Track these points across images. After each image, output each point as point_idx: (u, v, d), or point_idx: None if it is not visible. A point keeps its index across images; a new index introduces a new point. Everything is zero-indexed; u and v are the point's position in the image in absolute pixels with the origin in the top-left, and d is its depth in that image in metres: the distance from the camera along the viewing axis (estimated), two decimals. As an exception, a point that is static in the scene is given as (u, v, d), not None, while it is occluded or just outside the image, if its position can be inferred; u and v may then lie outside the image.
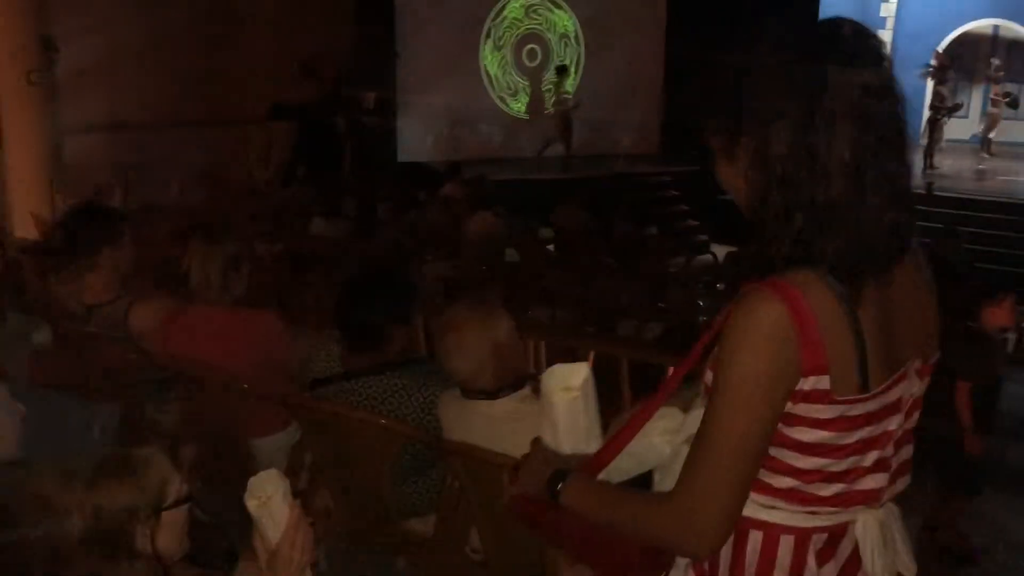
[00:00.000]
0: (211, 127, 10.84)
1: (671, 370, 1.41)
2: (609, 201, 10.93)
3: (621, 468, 1.41)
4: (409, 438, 2.49)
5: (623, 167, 12.95)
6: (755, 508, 1.28)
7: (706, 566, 1.35)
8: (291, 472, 2.81)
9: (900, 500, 1.42)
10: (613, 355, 3.52)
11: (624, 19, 14.04)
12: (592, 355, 3.47)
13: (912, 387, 1.31)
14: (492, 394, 2.30)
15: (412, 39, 12.47)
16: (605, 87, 14.00)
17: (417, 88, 12.69)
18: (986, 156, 14.17)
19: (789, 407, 1.22)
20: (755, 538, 1.30)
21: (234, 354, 2.93)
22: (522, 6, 13.80)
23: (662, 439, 1.40)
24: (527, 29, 13.91)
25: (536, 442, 1.47)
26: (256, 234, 7.37)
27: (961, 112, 15.54)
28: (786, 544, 1.29)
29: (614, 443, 1.39)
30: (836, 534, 1.30)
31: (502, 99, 13.87)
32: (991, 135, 14.52)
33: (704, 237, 11.77)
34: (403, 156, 12.59)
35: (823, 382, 1.20)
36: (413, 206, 9.03)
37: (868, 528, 1.30)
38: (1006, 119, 15.07)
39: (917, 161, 12.94)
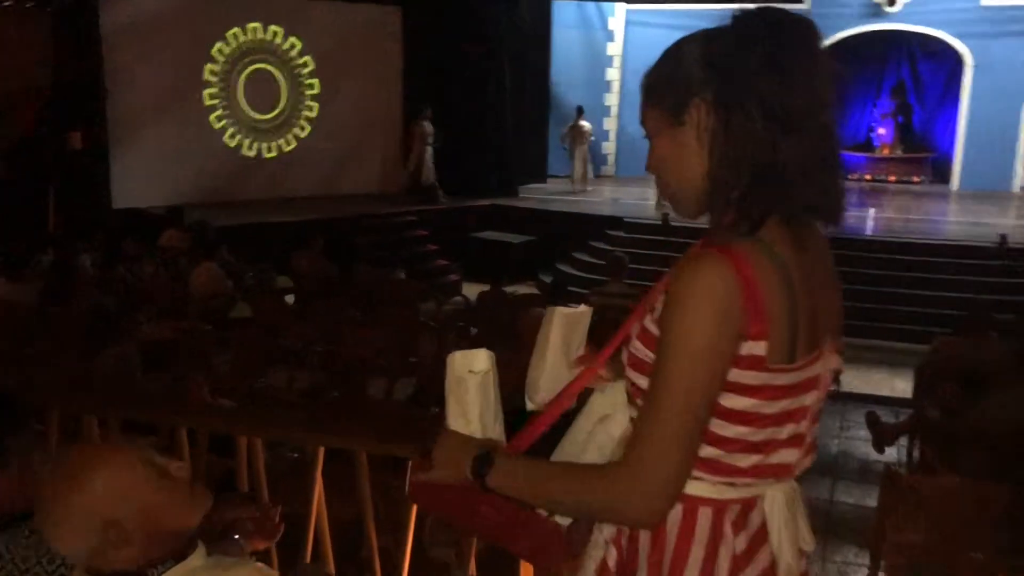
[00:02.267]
0: None
1: (601, 352, 1.45)
2: (353, 244, 10.28)
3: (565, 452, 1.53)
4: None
5: (366, 207, 12.33)
6: None
7: (624, 542, 1.37)
8: None
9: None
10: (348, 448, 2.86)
11: (359, 56, 13.48)
12: (322, 451, 2.78)
13: (829, 363, 1.33)
14: None
15: (125, 74, 11.16)
16: (344, 124, 13.35)
17: (133, 127, 11.40)
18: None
19: None
20: (675, 511, 1.30)
21: None
22: (250, 40, 12.82)
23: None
24: (257, 64, 12.93)
25: (446, 430, 1.42)
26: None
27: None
28: (704, 516, 1.30)
29: (534, 426, 1.42)
30: (747, 506, 1.32)
31: (231, 137, 12.78)
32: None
33: (455, 276, 11.43)
34: (121, 203, 11.20)
35: (760, 348, 1.22)
36: (123, 259, 7.87)
37: (776, 502, 1.32)
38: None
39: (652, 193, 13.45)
